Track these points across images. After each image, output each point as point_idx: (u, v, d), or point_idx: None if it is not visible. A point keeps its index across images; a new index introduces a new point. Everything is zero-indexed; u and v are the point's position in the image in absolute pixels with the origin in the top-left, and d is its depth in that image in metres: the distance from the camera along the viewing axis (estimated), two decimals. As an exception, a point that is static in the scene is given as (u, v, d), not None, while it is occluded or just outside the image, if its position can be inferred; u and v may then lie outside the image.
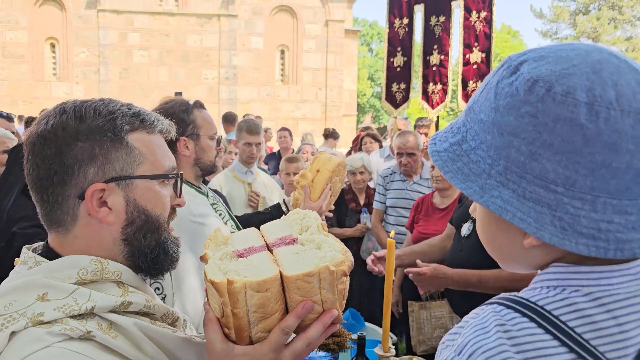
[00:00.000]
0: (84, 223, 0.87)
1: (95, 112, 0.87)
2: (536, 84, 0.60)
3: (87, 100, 0.90)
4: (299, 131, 22.82)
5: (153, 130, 0.92)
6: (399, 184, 3.46)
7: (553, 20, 38.11)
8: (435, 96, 4.10)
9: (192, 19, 22.09)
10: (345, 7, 22.77)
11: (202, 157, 1.85)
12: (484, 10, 3.90)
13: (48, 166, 0.85)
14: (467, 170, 0.64)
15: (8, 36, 20.97)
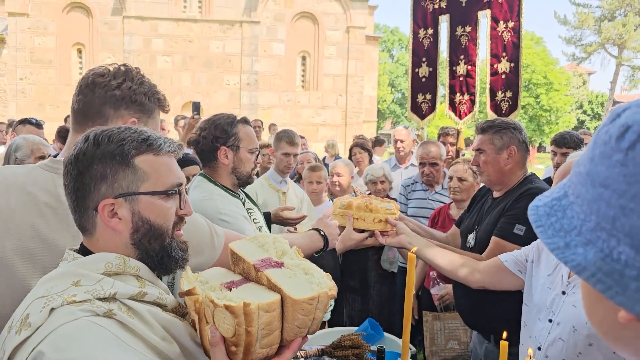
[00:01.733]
0: (101, 230, 1.08)
1: (109, 139, 1.07)
2: (629, 130, 0.55)
3: (106, 129, 1.09)
4: (319, 137, 22.89)
5: (159, 152, 1.10)
6: (420, 194, 3.48)
7: (577, 26, 37.59)
8: (463, 106, 4.08)
9: (215, 25, 22.37)
10: (367, 13, 22.82)
11: (239, 167, 2.00)
12: (511, 20, 3.86)
13: (74, 184, 1.08)
14: (559, 226, 0.59)
15: (37, 42, 21.51)
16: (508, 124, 2.29)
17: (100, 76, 1.39)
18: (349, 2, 22.77)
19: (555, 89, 39.78)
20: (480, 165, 2.28)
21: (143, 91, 1.41)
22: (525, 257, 1.87)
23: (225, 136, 2.00)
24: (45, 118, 19.36)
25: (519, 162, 2.26)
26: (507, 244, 2.10)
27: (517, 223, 2.10)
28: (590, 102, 49.59)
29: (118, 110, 1.37)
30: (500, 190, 2.30)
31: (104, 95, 1.37)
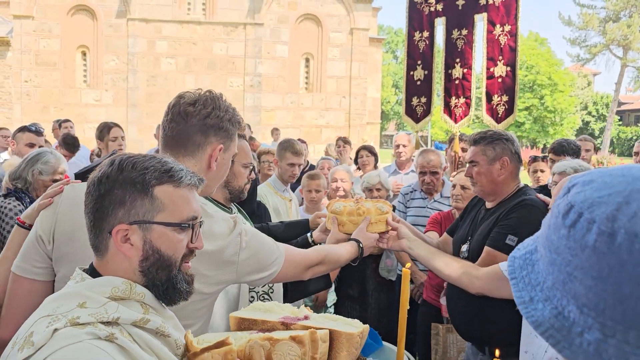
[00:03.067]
0: (112, 253, 1.11)
1: (133, 167, 1.10)
2: (571, 210, 0.62)
3: (132, 156, 1.13)
4: (322, 139, 22.89)
5: (180, 184, 1.12)
6: (419, 202, 3.47)
7: (582, 27, 37.46)
8: (459, 110, 4.04)
9: (219, 27, 22.42)
10: (370, 15, 22.83)
11: (232, 181, 1.98)
12: (508, 24, 3.81)
13: (94, 204, 1.11)
14: (528, 280, 0.67)
15: (42, 44, 21.62)
16: (500, 135, 2.31)
17: (191, 105, 1.46)
18: (352, 4, 22.77)
19: (559, 90, 39.66)
20: (473, 176, 2.29)
21: (228, 118, 1.50)
22: None
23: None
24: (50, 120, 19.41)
25: (512, 173, 2.28)
26: (499, 254, 2.11)
27: (509, 233, 2.11)
28: (595, 103, 49.37)
29: (208, 137, 1.47)
30: (493, 201, 2.31)
31: (196, 124, 1.45)
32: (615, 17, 37.14)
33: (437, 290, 3.07)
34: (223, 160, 1.52)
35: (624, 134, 45.86)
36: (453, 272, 2.00)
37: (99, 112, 22.15)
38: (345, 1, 22.78)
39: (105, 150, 3.72)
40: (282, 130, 23.11)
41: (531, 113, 39.90)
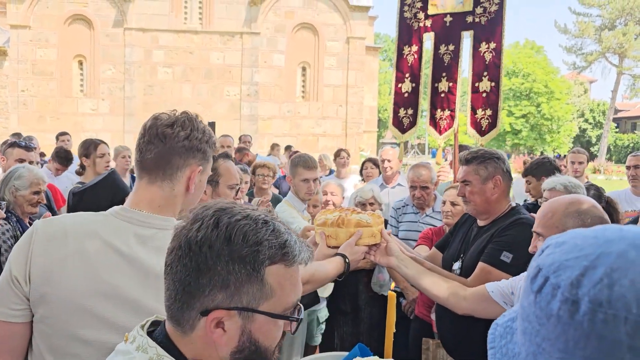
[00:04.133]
0: (200, 334, 0.92)
1: (244, 238, 0.88)
2: (539, 273, 0.58)
3: (238, 215, 0.90)
4: (319, 147, 22.89)
5: (293, 263, 0.93)
6: (411, 217, 3.45)
7: (578, 35, 37.71)
8: (443, 122, 4.09)
9: (216, 36, 22.50)
10: (367, 24, 22.95)
11: None
12: (493, 42, 3.89)
13: (185, 276, 0.90)
14: (506, 350, 0.64)
15: (38, 54, 21.66)
16: (492, 154, 2.31)
17: (169, 127, 1.42)
18: (349, 13, 22.88)
19: (556, 98, 39.85)
20: (466, 196, 2.28)
21: (206, 139, 1.46)
22: (512, 289, 1.86)
23: None
24: (46, 130, 19.45)
25: (504, 192, 2.29)
26: (493, 270, 2.10)
27: (504, 250, 2.10)
28: (592, 110, 49.58)
29: (187, 159, 1.43)
30: (486, 219, 2.30)
31: (174, 146, 1.41)
32: (610, 25, 37.39)
33: (428, 306, 3.04)
34: (200, 183, 1.48)
35: (621, 141, 46.01)
36: (441, 292, 1.98)
37: (95, 121, 22.15)
38: (341, 10, 22.89)
39: (92, 168, 3.67)
40: (279, 139, 23.12)
41: (528, 121, 40.04)
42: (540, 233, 1.65)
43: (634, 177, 4.05)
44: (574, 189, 2.83)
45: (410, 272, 2.04)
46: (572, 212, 1.61)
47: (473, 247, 2.25)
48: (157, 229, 1.37)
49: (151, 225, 1.38)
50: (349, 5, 22.66)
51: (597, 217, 1.60)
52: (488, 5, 3.90)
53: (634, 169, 4.04)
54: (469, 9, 4.01)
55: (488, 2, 3.90)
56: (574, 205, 1.63)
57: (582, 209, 1.61)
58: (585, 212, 1.60)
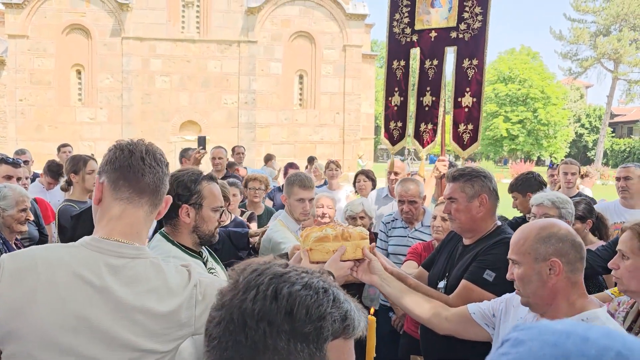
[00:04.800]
0: None
1: (308, 313, 0.78)
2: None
3: (301, 289, 0.80)
4: (317, 155, 22.90)
5: (351, 336, 0.84)
6: (400, 231, 3.49)
7: (573, 41, 37.87)
8: (426, 135, 4.20)
9: (213, 45, 22.59)
10: (363, 32, 23.07)
11: (201, 226, 1.94)
12: (476, 59, 3.96)
13: (237, 352, 0.78)
14: None
15: (36, 63, 21.73)
16: (479, 172, 2.32)
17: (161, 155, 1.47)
18: (345, 21, 23.00)
19: (552, 103, 39.97)
20: (452, 213, 2.29)
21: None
22: (493, 311, 1.89)
23: (188, 194, 1.92)
24: (44, 139, 19.49)
25: (489, 210, 2.29)
26: (476, 288, 2.12)
27: (487, 268, 2.11)
28: (588, 115, 49.72)
29: (166, 188, 1.47)
30: (471, 238, 2.32)
31: (166, 172, 1.46)
32: (605, 31, 37.58)
33: (417, 322, 3.08)
34: (159, 215, 1.49)
35: (617, 146, 46.12)
36: (424, 312, 2.00)
37: (93, 130, 22.20)
38: (338, 18, 23.01)
39: (80, 184, 3.62)
40: (277, 146, 23.20)
41: (525, 126, 40.14)
42: (515, 260, 1.67)
43: (623, 188, 4.05)
44: (561, 205, 2.88)
45: (392, 291, 2.05)
46: (544, 238, 1.61)
47: (458, 266, 2.27)
48: (129, 259, 1.35)
49: (123, 254, 1.35)
50: (346, 14, 22.79)
51: (569, 242, 1.60)
52: (472, 22, 3.96)
53: (623, 180, 4.03)
54: (453, 25, 4.07)
55: (471, 19, 3.96)
56: (546, 231, 1.63)
57: (553, 234, 1.61)
58: (557, 237, 1.60)
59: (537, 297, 1.62)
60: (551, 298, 1.61)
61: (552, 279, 1.58)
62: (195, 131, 22.52)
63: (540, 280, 1.60)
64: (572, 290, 1.60)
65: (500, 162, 46.35)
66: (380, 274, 2.06)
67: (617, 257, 1.82)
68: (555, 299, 1.60)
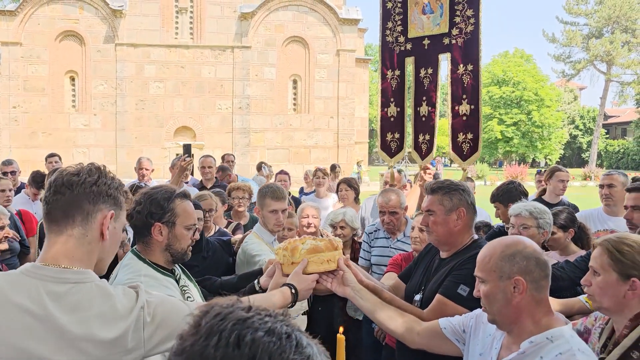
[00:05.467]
0: None
1: (270, 358, 0.76)
2: None
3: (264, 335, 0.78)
4: (311, 159, 22.97)
5: None
6: (383, 242, 3.50)
7: (565, 44, 38.07)
8: (424, 146, 4.06)
9: (207, 50, 22.63)
10: (356, 36, 23.15)
11: (173, 244, 1.92)
12: (470, 64, 3.79)
13: None
14: None
15: (30, 70, 21.71)
16: (457, 186, 2.33)
17: (75, 175, 1.40)
18: (338, 26, 23.07)
19: (546, 105, 40.15)
20: (429, 225, 2.30)
21: (115, 186, 1.45)
22: (463, 327, 1.90)
23: (161, 212, 1.90)
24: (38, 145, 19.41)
25: (467, 224, 2.29)
26: (450, 303, 2.12)
27: (461, 283, 2.11)
28: (582, 117, 49.94)
29: (97, 204, 1.40)
30: (448, 251, 2.32)
31: (82, 192, 1.38)
32: (598, 33, 37.80)
33: (398, 333, 3.09)
34: (114, 230, 1.45)
35: (611, 147, 46.33)
36: (397, 327, 2.01)
37: (87, 136, 22.18)
38: (331, 23, 23.08)
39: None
40: (271, 151, 23.23)
41: (519, 128, 40.29)
42: (480, 277, 1.68)
43: (607, 196, 4.04)
44: (539, 215, 2.90)
45: (365, 304, 2.06)
46: (508, 256, 1.61)
47: (434, 280, 2.27)
48: (72, 284, 1.32)
49: (65, 280, 1.32)
50: (339, 19, 22.86)
51: (533, 260, 1.61)
52: (464, 25, 3.82)
53: (607, 188, 4.03)
54: (445, 31, 3.92)
55: (464, 23, 3.82)
56: (511, 249, 1.63)
57: (517, 252, 1.61)
58: (522, 255, 1.61)
59: (502, 316, 1.63)
60: (516, 316, 1.62)
61: (516, 297, 1.59)
62: (190, 137, 22.54)
63: (505, 298, 1.61)
64: (537, 309, 1.61)
65: (495, 165, 46.47)
66: (353, 286, 2.07)
67: (589, 274, 1.82)
68: (520, 317, 1.62)
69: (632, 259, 1.70)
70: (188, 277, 2.07)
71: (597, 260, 1.79)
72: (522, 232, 2.81)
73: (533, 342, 1.57)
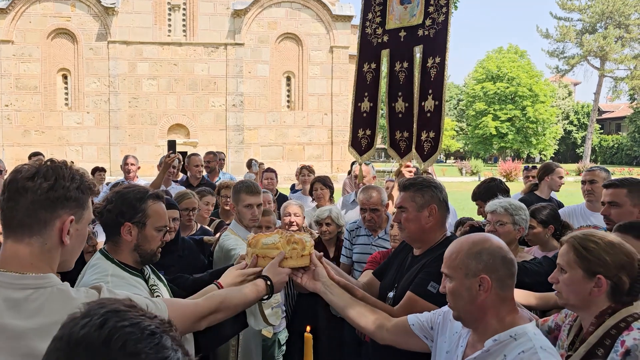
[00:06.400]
0: None
1: (123, 346, 0.83)
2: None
3: (127, 325, 0.85)
4: (305, 156, 22.98)
5: None
6: (364, 239, 3.49)
7: (559, 39, 38.14)
8: (403, 144, 3.80)
9: (200, 48, 22.57)
10: (350, 33, 23.10)
11: (143, 244, 1.91)
12: (438, 56, 3.53)
13: None
14: None
15: (22, 68, 21.60)
16: (430, 182, 2.33)
17: (30, 179, 1.31)
18: (332, 23, 23.04)
19: (540, 101, 40.25)
20: (402, 222, 2.30)
21: (75, 186, 1.35)
22: (431, 324, 1.89)
23: (132, 212, 1.88)
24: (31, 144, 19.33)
25: (439, 221, 2.28)
26: (420, 300, 2.11)
27: (432, 280, 2.10)
28: (577, 112, 50.06)
29: (55, 211, 1.32)
30: (420, 248, 2.32)
31: (37, 200, 1.30)
32: (591, 29, 37.88)
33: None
34: (77, 232, 1.38)
35: (606, 142, 46.47)
36: (367, 324, 2.01)
37: (81, 134, 22.10)
38: (324, 20, 23.04)
39: None
40: (265, 148, 23.22)
41: (514, 124, 40.38)
42: (447, 274, 1.67)
43: (589, 192, 4.05)
44: (514, 211, 2.90)
45: (335, 299, 2.05)
46: (475, 254, 1.61)
47: (406, 277, 2.27)
48: (32, 289, 1.26)
49: (24, 286, 1.26)
50: (332, 15, 22.83)
51: (500, 258, 1.60)
52: (436, 15, 3.61)
53: (589, 184, 4.04)
54: (420, 22, 3.71)
55: (436, 12, 3.61)
56: (477, 246, 1.62)
57: (484, 250, 1.61)
58: (488, 253, 1.60)
59: (467, 313, 1.63)
60: (481, 314, 1.61)
61: (481, 295, 1.59)
62: (184, 134, 22.49)
63: (470, 296, 1.61)
64: (501, 307, 1.61)
65: (490, 160, 46.56)
66: (324, 281, 2.07)
67: (557, 271, 1.82)
68: (484, 315, 1.61)
69: (598, 256, 1.70)
70: (158, 277, 2.05)
71: (563, 257, 1.79)
72: (498, 229, 2.81)
73: (497, 340, 1.57)
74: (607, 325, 1.68)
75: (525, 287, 2.55)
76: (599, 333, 1.69)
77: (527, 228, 2.92)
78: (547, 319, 2.12)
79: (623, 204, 2.79)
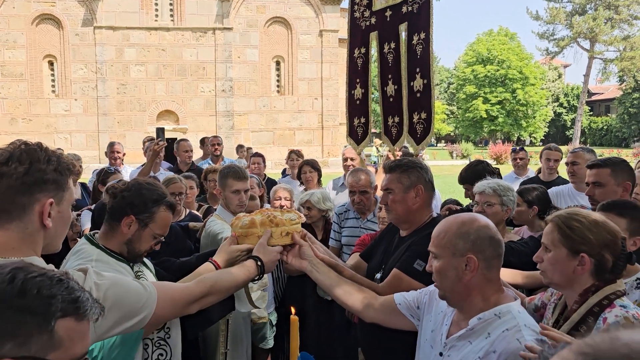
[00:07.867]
0: None
1: (39, 292, 0.91)
2: None
3: (37, 276, 0.94)
4: (296, 141, 22.91)
5: (83, 318, 0.97)
6: (353, 222, 3.49)
7: (549, 21, 38.05)
8: (394, 129, 3.71)
9: (188, 33, 22.29)
10: (339, 16, 22.90)
11: (135, 242, 1.91)
12: (423, 32, 3.42)
13: None
14: None
15: (7, 55, 21.24)
16: (415, 163, 2.33)
17: (4, 164, 1.29)
18: (321, 6, 22.83)
19: (531, 84, 40.32)
20: (388, 204, 2.30)
21: (53, 168, 1.33)
22: (417, 303, 1.91)
23: (142, 209, 1.89)
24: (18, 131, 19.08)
25: (425, 202, 2.29)
26: (405, 277, 2.13)
27: (418, 258, 2.11)
28: (567, 94, 50.22)
29: (32, 195, 1.30)
30: (407, 229, 2.33)
31: (14, 185, 1.28)
32: (581, 10, 37.82)
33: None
34: (59, 214, 1.36)
35: (595, 124, 46.73)
36: (354, 302, 2.01)
37: (69, 122, 21.85)
38: (313, 3, 22.82)
39: None
40: (256, 134, 23.11)
41: (504, 107, 40.47)
42: (434, 253, 1.68)
43: (572, 173, 4.06)
44: (502, 192, 2.91)
45: (321, 277, 2.05)
46: (463, 233, 1.61)
47: (393, 258, 2.28)
48: None
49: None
50: (321, -2, 22.62)
51: (487, 239, 1.61)
52: None
53: (571, 166, 4.05)
54: None
55: None
56: (466, 226, 1.63)
57: (472, 230, 1.61)
58: (476, 233, 1.61)
59: (453, 292, 1.64)
60: (466, 293, 1.62)
61: (467, 275, 1.60)
62: (173, 120, 22.31)
63: (457, 275, 1.61)
64: (487, 287, 1.62)
65: (481, 144, 46.70)
66: (310, 259, 2.06)
67: (541, 250, 1.83)
68: (470, 295, 1.62)
69: (582, 234, 1.71)
70: (143, 262, 2.05)
71: (548, 236, 1.79)
72: (486, 210, 2.82)
73: (481, 318, 1.58)
74: (590, 303, 1.69)
75: (512, 266, 2.57)
76: (582, 311, 1.70)
77: (514, 209, 2.94)
78: (534, 297, 2.14)
79: (606, 183, 2.80)
